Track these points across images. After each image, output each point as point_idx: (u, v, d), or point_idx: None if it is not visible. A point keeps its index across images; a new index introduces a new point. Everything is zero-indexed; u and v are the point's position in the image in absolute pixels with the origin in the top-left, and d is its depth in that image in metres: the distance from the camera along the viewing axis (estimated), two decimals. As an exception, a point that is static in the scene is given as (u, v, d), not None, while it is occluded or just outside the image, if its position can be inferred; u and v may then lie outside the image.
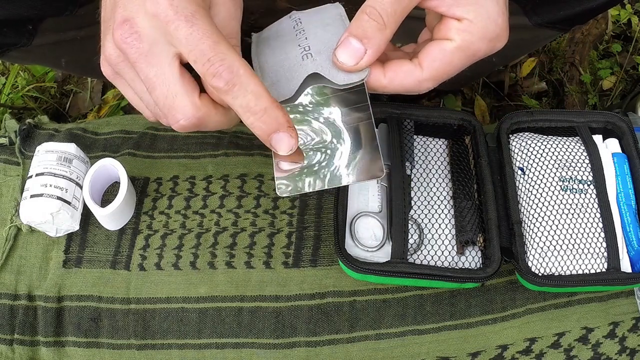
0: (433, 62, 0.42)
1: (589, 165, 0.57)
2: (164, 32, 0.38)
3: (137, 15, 0.38)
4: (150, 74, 0.39)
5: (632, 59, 1.05)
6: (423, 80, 0.43)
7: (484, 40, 0.41)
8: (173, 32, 0.37)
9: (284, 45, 0.45)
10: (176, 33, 0.37)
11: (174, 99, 0.39)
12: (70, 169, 0.57)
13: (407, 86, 0.43)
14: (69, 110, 1.03)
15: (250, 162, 0.63)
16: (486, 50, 0.42)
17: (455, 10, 0.41)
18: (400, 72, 0.43)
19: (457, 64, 0.42)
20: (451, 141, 0.62)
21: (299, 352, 0.55)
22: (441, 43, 0.42)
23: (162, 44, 0.38)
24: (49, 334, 0.56)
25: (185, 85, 0.39)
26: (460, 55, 0.42)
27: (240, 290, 0.57)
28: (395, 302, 0.57)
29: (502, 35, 0.42)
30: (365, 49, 0.41)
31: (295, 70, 0.44)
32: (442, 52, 0.42)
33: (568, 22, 0.63)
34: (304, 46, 0.45)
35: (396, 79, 0.43)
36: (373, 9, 0.40)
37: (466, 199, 0.57)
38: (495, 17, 0.41)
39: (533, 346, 0.57)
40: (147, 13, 0.37)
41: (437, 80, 0.43)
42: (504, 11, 0.41)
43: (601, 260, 0.53)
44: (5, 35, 0.57)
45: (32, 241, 0.60)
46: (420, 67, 0.42)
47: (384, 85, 0.43)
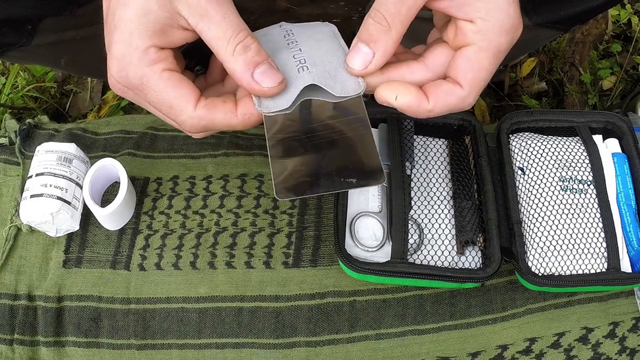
0: (466, 75, 0.42)
1: (589, 165, 0.57)
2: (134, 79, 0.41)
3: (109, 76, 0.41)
4: (148, 105, 0.42)
5: (632, 59, 1.05)
6: (466, 96, 0.42)
7: (502, 34, 0.41)
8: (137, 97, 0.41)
9: (278, 56, 0.45)
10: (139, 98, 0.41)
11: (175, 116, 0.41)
12: (70, 169, 0.57)
13: (451, 106, 0.42)
14: (69, 110, 1.03)
15: (250, 162, 0.63)
16: (507, 43, 0.41)
17: (466, 10, 0.40)
18: (441, 94, 0.42)
19: (487, 67, 0.42)
20: (451, 141, 0.62)
21: (299, 352, 0.55)
22: (463, 52, 0.41)
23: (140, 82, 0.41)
24: (49, 334, 0.56)
25: (179, 98, 0.41)
26: (487, 56, 0.41)
27: (240, 290, 0.57)
28: (395, 302, 0.57)
29: (517, 24, 0.41)
30: (374, 52, 0.41)
31: (292, 81, 0.44)
32: (469, 61, 0.41)
33: (568, 21, 0.63)
34: (299, 58, 0.45)
35: (440, 101, 0.42)
36: (377, 12, 0.40)
37: (466, 199, 0.57)
38: (507, 8, 0.40)
39: (533, 346, 0.57)
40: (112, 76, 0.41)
41: (477, 91, 0.42)
42: (514, 0, 0.41)
43: (601, 260, 0.53)
44: (5, 35, 0.56)
45: (32, 241, 0.60)
46: (459, 85, 0.42)
47: (429, 110, 0.42)
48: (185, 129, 0.42)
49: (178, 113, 0.41)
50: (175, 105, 0.40)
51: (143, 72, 0.40)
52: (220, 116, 0.41)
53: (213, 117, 0.41)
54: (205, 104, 0.41)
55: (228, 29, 0.39)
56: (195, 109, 0.41)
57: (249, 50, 0.40)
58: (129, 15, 0.39)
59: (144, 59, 0.39)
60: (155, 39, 0.39)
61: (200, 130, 0.42)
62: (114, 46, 0.40)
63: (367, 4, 0.69)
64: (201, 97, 0.41)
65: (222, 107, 0.41)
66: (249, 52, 0.40)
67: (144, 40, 0.39)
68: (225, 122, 0.41)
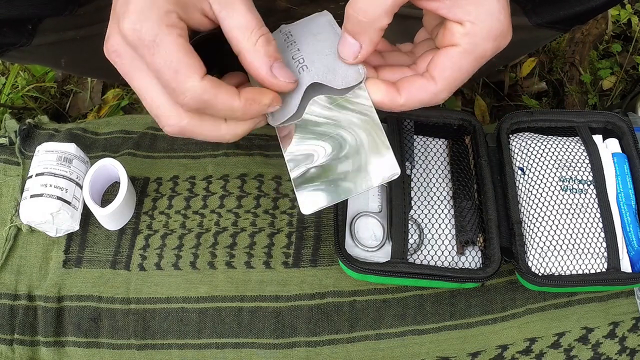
0: (444, 72, 0.42)
1: (589, 165, 0.57)
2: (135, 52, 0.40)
3: (113, 36, 0.40)
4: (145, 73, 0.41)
5: (632, 59, 1.05)
6: (438, 92, 0.43)
7: (489, 39, 0.41)
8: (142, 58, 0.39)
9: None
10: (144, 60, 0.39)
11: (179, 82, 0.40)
12: (70, 169, 0.57)
13: (424, 101, 0.44)
14: (69, 110, 1.03)
15: (250, 162, 0.63)
16: (493, 49, 0.42)
17: (456, 12, 0.40)
18: (414, 88, 0.43)
19: (467, 69, 0.42)
20: (451, 141, 0.62)
21: (299, 352, 0.56)
22: (448, 51, 0.42)
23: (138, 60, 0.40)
24: (49, 334, 0.56)
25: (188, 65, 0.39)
26: (469, 59, 0.42)
27: (240, 290, 0.57)
28: (395, 302, 0.57)
29: (506, 32, 0.41)
30: (360, 44, 0.42)
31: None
32: (450, 60, 0.42)
33: (568, 22, 0.63)
34: (297, 59, 0.45)
35: (412, 96, 0.43)
36: (357, 4, 0.40)
37: (466, 199, 0.57)
38: (498, 15, 0.40)
39: (533, 346, 0.57)
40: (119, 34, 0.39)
41: (451, 89, 0.43)
42: (506, 7, 0.41)
43: (601, 260, 0.53)
44: (5, 35, 0.56)
45: (32, 241, 0.60)
46: (432, 80, 0.43)
47: (401, 104, 0.44)
48: (183, 101, 0.40)
49: (183, 79, 0.39)
50: (183, 72, 0.39)
51: (160, 29, 0.38)
52: (223, 95, 0.40)
53: (217, 93, 0.40)
54: (211, 79, 0.40)
55: (252, 21, 0.40)
56: (202, 80, 0.39)
57: (271, 45, 0.41)
58: None
59: (164, 19, 0.38)
60: (178, 8, 0.39)
61: (197, 106, 0.40)
62: (134, 2, 0.39)
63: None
64: (206, 75, 0.40)
65: (226, 87, 0.40)
66: (270, 46, 0.41)
67: (167, 3, 0.39)
68: (228, 103, 0.40)
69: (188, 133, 0.42)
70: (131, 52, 0.40)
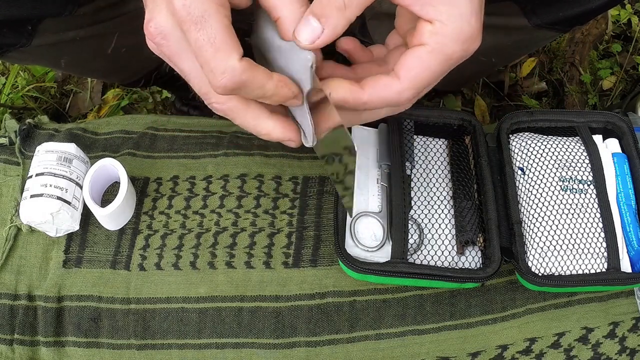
0: (410, 71, 0.41)
1: (589, 165, 0.57)
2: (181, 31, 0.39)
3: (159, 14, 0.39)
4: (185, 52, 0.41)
5: (632, 59, 1.05)
6: (402, 90, 0.42)
7: (458, 42, 0.40)
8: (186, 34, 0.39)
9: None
10: (187, 35, 0.38)
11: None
12: (70, 169, 0.57)
13: (387, 99, 0.42)
14: (69, 110, 1.03)
15: (250, 162, 0.63)
16: (461, 52, 0.41)
17: (428, 10, 0.40)
18: (378, 86, 0.42)
19: (434, 70, 0.41)
20: (451, 141, 0.62)
21: (299, 352, 0.56)
22: (415, 50, 0.41)
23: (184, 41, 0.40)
24: (49, 334, 0.56)
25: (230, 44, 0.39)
26: (436, 59, 0.41)
27: (240, 290, 0.57)
28: (395, 302, 0.57)
29: (475, 36, 0.41)
30: (323, 28, 0.40)
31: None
32: (417, 59, 0.41)
33: (567, 23, 0.63)
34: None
35: (375, 93, 0.42)
36: None
37: (466, 199, 0.57)
38: (469, 18, 0.40)
39: (533, 346, 0.57)
40: (167, 11, 0.39)
41: (417, 89, 0.42)
42: (478, 11, 0.40)
43: (601, 260, 0.53)
44: (5, 35, 0.56)
45: (32, 241, 0.60)
46: (397, 78, 0.42)
47: (364, 102, 0.43)
48: (220, 83, 0.40)
49: (223, 58, 0.39)
50: (224, 50, 0.39)
51: (209, 6, 0.38)
52: (260, 75, 0.40)
53: (254, 74, 0.40)
54: (248, 60, 0.40)
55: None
56: (240, 60, 0.39)
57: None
58: None
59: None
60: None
61: (233, 86, 0.40)
62: None
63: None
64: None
65: (261, 69, 0.40)
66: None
67: None
68: (262, 83, 0.40)
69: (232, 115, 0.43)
70: (178, 32, 0.40)
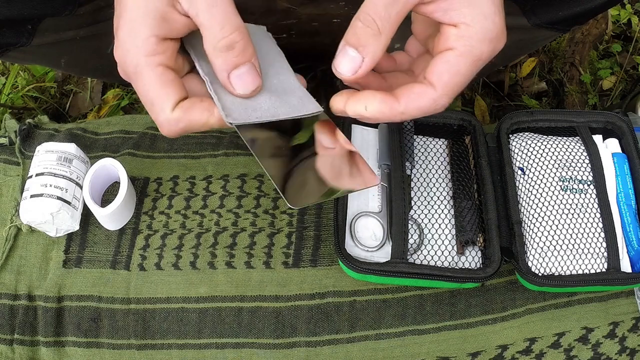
0: (442, 77, 0.41)
1: (589, 165, 0.57)
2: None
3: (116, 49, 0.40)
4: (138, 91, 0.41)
5: (632, 59, 1.05)
6: (438, 97, 0.41)
7: (485, 41, 0.41)
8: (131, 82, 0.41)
9: None
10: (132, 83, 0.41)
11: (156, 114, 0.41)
12: (70, 169, 0.57)
13: (423, 108, 0.42)
14: (69, 110, 1.03)
15: (250, 162, 0.63)
16: (489, 51, 0.41)
17: (451, 15, 0.40)
18: (413, 95, 0.41)
19: (465, 73, 0.41)
20: (451, 141, 0.62)
21: (299, 352, 0.56)
22: (444, 55, 0.41)
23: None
24: (49, 334, 0.56)
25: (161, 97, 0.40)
26: (466, 62, 0.41)
27: (240, 290, 0.57)
28: (395, 302, 0.57)
29: (500, 34, 0.41)
30: (362, 57, 0.40)
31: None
32: (447, 64, 0.41)
33: (567, 22, 0.63)
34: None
35: (411, 103, 0.41)
36: (367, 15, 0.39)
37: (466, 199, 0.57)
38: (493, 17, 0.40)
39: (533, 346, 0.57)
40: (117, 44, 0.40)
41: (451, 94, 0.42)
42: (500, 10, 0.41)
43: (601, 260, 0.53)
44: (4, 35, 0.56)
45: (32, 241, 0.60)
46: (431, 86, 0.41)
47: (401, 112, 0.42)
48: (163, 132, 0.41)
49: (157, 112, 0.40)
50: (156, 104, 0.40)
51: (139, 61, 0.39)
52: (197, 116, 0.40)
53: (190, 118, 0.40)
54: (183, 104, 0.40)
55: (214, 19, 0.38)
56: (173, 110, 0.40)
57: (232, 50, 0.39)
58: (131, 4, 0.39)
59: (142, 48, 0.39)
60: (156, 29, 0.39)
61: (179, 133, 0.41)
62: (118, 32, 0.40)
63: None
64: (185, 100, 0.41)
65: (199, 105, 0.41)
66: (231, 51, 0.39)
67: (144, 29, 0.39)
68: (203, 122, 0.41)
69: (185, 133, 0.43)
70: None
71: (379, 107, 0.42)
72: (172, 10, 0.39)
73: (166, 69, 0.40)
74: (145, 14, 0.38)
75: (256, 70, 0.41)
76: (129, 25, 0.39)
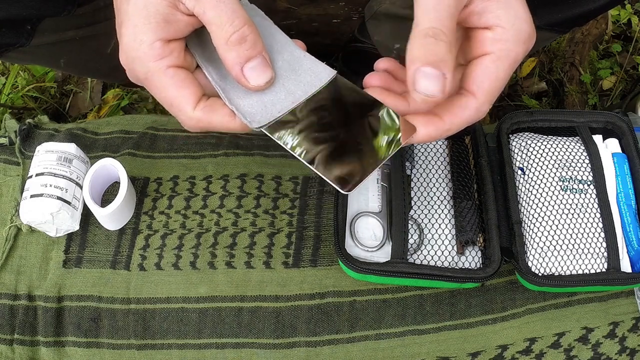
0: (482, 85, 0.40)
1: (589, 165, 0.57)
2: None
3: (121, 57, 0.40)
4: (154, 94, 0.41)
5: (632, 59, 1.05)
6: (480, 106, 0.40)
7: (519, 43, 0.39)
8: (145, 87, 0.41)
9: None
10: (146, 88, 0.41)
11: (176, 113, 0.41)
12: (70, 169, 0.57)
13: (468, 119, 0.41)
14: (69, 110, 1.03)
15: (250, 162, 0.63)
16: (523, 53, 0.40)
17: (488, 18, 0.39)
18: (455, 109, 0.40)
19: (504, 77, 0.40)
20: (451, 141, 0.62)
21: (299, 352, 0.55)
22: (481, 62, 0.40)
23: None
24: (49, 334, 0.56)
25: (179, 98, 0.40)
26: (504, 66, 0.39)
27: (240, 290, 0.57)
28: (395, 302, 0.57)
29: (533, 34, 0.40)
30: (444, 73, 0.37)
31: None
32: (486, 71, 0.39)
33: (566, 24, 0.63)
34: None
35: (456, 119, 0.40)
36: (437, 30, 0.37)
37: (466, 199, 0.57)
38: (526, 17, 0.39)
39: (533, 346, 0.57)
40: (123, 52, 0.40)
41: (492, 100, 0.41)
42: (528, 10, 0.40)
43: (601, 260, 0.53)
44: (4, 35, 0.56)
45: (32, 241, 0.60)
46: (472, 95, 0.40)
47: (447, 130, 0.41)
48: (185, 127, 0.42)
49: (177, 112, 0.41)
50: (175, 105, 0.40)
51: (148, 67, 0.39)
52: (218, 119, 0.41)
53: (211, 120, 0.41)
54: (205, 105, 0.40)
55: (223, 14, 0.38)
56: (195, 109, 0.40)
57: (245, 42, 0.39)
58: (131, 10, 0.38)
59: (149, 54, 0.39)
60: (160, 32, 0.39)
61: (200, 130, 0.42)
62: (122, 40, 0.39)
63: (367, 4, 0.69)
64: (202, 98, 0.41)
65: (220, 110, 0.41)
66: (244, 44, 0.39)
67: (148, 34, 0.38)
68: (224, 126, 0.41)
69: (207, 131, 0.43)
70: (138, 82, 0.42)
71: (425, 131, 0.40)
72: (174, 11, 0.39)
73: (177, 69, 0.40)
74: (146, 19, 0.38)
75: (267, 62, 0.41)
76: (132, 32, 0.39)
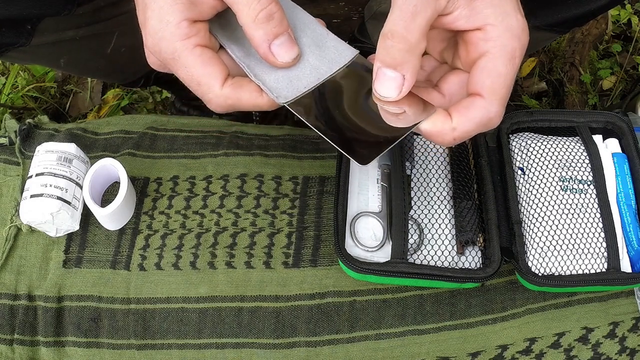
0: (484, 84, 0.40)
1: (589, 165, 0.57)
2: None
3: (146, 39, 0.41)
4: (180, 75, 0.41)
5: (632, 59, 1.05)
6: (488, 105, 0.40)
7: (513, 37, 0.39)
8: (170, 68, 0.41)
9: None
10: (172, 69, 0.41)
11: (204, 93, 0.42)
12: (70, 169, 0.57)
13: (476, 119, 0.40)
14: (69, 110, 1.03)
15: (250, 162, 0.63)
16: (520, 47, 0.40)
17: (476, 19, 0.39)
18: (462, 108, 0.40)
19: (505, 73, 0.40)
20: (451, 141, 0.62)
21: (299, 352, 0.56)
22: (478, 63, 0.40)
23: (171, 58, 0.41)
24: (49, 334, 0.56)
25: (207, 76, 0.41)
26: (502, 62, 0.39)
27: (240, 290, 0.57)
28: (395, 302, 0.57)
29: (525, 29, 0.40)
30: (403, 75, 0.38)
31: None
32: (485, 70, 0.39)
33: (566, 24, 0.63)
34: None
35: (463, 116, 0.40)
36: (395, 31, 0.37)
37: (466, 199, 0.57)
38: (515, 14, 0.39)
39: (533, 346, 0.57)
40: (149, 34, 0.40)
41: (500, 99, 0.40)
42: (519, 7, 0.40)
43: (601, 260, 0.53)
44: (4, 35, 0.56)
45: (32, 241, 0.60)
46: (478, 96, 0.40)
47: (453, 127, 0.40)
48: (212, 107, 0.42)
49: (205, 91, 0.41)
50: (203, 83, 0.41)
51: (175, 46, 0.40)
52: (246, 96, 0.41)
53: (239, 97, 0.41)
54: (232, 82, 0.41)
55: None
56: (222, 87, 0.41)
57: (272, 20, 0.40)
58: None
59: (176, 33, 0.39)
60: (186, 12, 0.39)
61: (227, 109, 0.42)
62: (148, 23, 0.40)
63: (366, 4, 0.69)
64: (229, 76, 0.41)
65: (247, 86, 0.41)
66: (271, 21, 0.40)
67: (174, 14, 0.39)
68: (252, 102, 0.41)
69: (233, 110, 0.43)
70: (164, 64, 0.42)
71: (432, 124, 0.40)
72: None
73: (204, 49, 0.41)
74: (172, 2, 0.39)
75: (293, 40, 0.41)
76: (157, 14, 0.39)
